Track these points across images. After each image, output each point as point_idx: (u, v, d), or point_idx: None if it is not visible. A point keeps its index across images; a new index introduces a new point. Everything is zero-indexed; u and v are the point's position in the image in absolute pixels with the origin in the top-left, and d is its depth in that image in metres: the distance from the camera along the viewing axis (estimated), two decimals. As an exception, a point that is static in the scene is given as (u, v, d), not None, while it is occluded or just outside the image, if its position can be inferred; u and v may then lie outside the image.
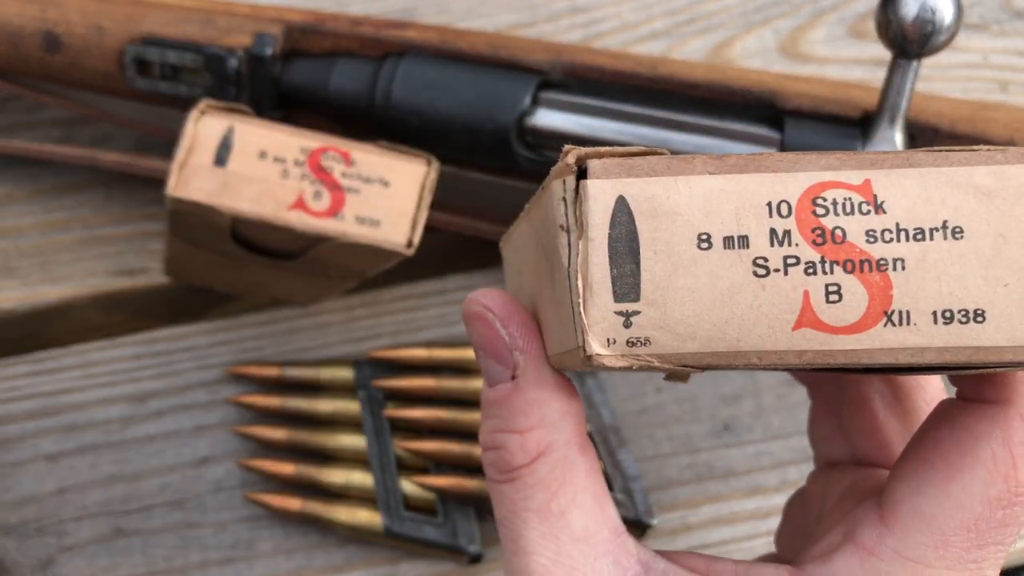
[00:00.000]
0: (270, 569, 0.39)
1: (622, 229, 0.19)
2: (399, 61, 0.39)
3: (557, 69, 0.38)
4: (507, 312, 0.23)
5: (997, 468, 0.21)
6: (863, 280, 0.19)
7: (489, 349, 0.23)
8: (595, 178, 0.19)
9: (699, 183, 0.19)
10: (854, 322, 0.19)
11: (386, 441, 0.40)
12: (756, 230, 0.19)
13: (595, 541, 0.23)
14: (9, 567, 0.39)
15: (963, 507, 0.21)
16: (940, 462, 0.22)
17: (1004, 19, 0.50)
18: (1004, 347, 0.19)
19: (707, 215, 0.19)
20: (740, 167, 0.19)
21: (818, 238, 0.19)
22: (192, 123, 0.33)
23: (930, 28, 0.32)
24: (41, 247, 0.44)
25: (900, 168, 0.19)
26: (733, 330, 0.19)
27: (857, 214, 0.19)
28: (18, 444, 0.41)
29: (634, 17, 0.49)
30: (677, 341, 0.19)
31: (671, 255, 0.19)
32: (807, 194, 0.19)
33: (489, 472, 0.24)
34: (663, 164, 0.19)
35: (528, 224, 0.23)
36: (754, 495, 0.41)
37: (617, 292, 0.19)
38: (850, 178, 0.19)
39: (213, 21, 0.39)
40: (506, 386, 0.23)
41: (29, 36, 0.40)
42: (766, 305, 0.19)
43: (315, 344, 0.43)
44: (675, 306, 0.19)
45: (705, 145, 0.37)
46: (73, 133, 0.46)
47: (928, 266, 0.19)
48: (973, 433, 0.22)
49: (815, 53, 0.49)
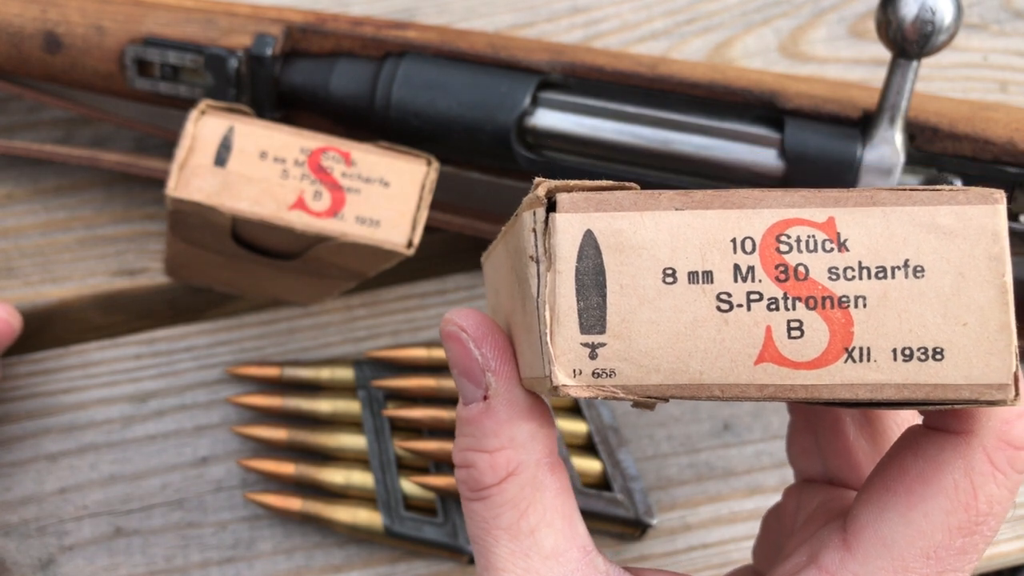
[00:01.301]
0: (270, 569, 0.39)
1: (589, 263, 0.20)
2: (399, 61, 0.39)
3: (557, 69, 0.38)
4: (481, 333, 0.23)
5: (958, 497, 0.22)
6: (825, 317, 0.19)
7: (462, 369, 0.23)
8: (564, 212, 0.20)
9: (665, 218, 0.20)
10: (815, 358, 0.19)
11: (386, 441, 0.40)
12: (720, 265, 0.19)
13: (564, 559, 0.23)
14: (9, 567, 0.39)
15: (924, 534, 0.22)
16: (903, 489, 0.22)
17: (1004, 19, 0.50)
18: (961, 385, 0.19)
19: (672, 250, 0.19)
20: (706, 203, 0.20)
21: (781, 274, 0.19)
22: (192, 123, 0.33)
23: (930, 28, 0.32)
24: (42, 247, 0.44)
25: (864, 207, 0.19)
26: (696, 363, 0.20)
27: (820, 251, 0.19)
28: (18, 444, 0.41)
29: (634, 17, 0.49)
30: (641, 373, 0.20)
31: (636, 289, 0.20)
32: (771, 231, 0.19)
33: (461, 489, 0.24)
34: (630, 199, 0.20)
35: (504, 247, 0.23)
36: (753, 495, 0.41)
37: (583, 324, 0.20)
38: (814, 215, 0.19)
39: (213, 21, 0.39)
40: (478, 406, 0.23)
41: (30, 36, 0.40)
42: (729, 339, 0.19)
43: (315, 344, 0.43)
44: (640, 339, 0.20)
45: (706, 145, 0.37)
46: (73, 133, 0.46)
47: (889, 304, 0.19)
48: (936, 462, 0.22)
49: (815, 53, 0.49)
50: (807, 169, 0.36)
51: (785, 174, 0.36)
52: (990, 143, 0.35)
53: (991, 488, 0.22)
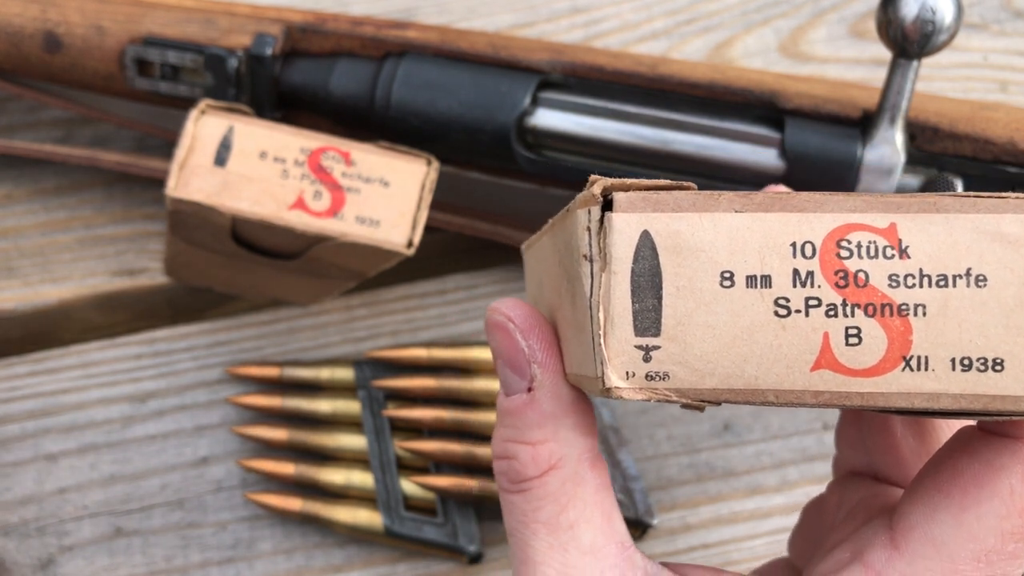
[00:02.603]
0: (270, 569, 0.39)
1: (645, 264, 0.19)
2: (399, 61, 0.39)
3: (557, 69, 0.38)
4: (528, 324, 0.23)
5: (1014, 502, 0.21)
6: (883, 324, 0.19)
7: (508, 359, 0.23)
8: (620, 211, 0.19)
9: (724, 220, 0.19)
10: (872, 365, 0.19)
11: (386, 441, 0.40)
12: (779, 270, 0.19)
13: (602, 555, 0.23)
14: (9, 567, 0.39)
15: (976, 538, 0.22)
16: (956, 491, 0.22)
17: (1004, 19, 0.50)
18: (1021, 396, 0.19)
19: (731, 253, 0.19)
20: (766, 205, 0.19)
21: (841, 280, 0.19)
22: (192, 123, 0.33)
23: (930, 28, 0.32)
24: (42, 247, 0.44)
25: (926, 213, 0.19)
26: (752, 368, 0.19)
27: (881, 258, 0.19)
28: (18, 444, 0.41)
29: (634, 17, 0.49)
30: (696, 377, 0.19)
31: (693, 292, 0.19)
32: (832, 236, 0.19)
33: (500, 481, 0.24)
34: (689, 200, 0.19)
35: (551, 240, 0.23)
36: (754, 495, 0.41)
37: (638, 326, 0.19)
38: (876, 221, 0.19)
39: (213, 21, 0.39)
40: (521, 397, 0.23)
41: (29, 36, 0.40)
42: (786, 345, 0.19)
43: (315, 344, 0.43)
44: (695, 342, 0.19)
45: (706, 145, 0.37)
46: (73, 133, 0.46)
47: (949, 313, 0.19)
48: (992, 466, 0.22)
49: (815, 53, 0.49)
50: (807, 169, 0.36)
51: (785, 174, 0.36)
52: (990, 143, 0.35)
53: None
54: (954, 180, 0.35)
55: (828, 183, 0.35)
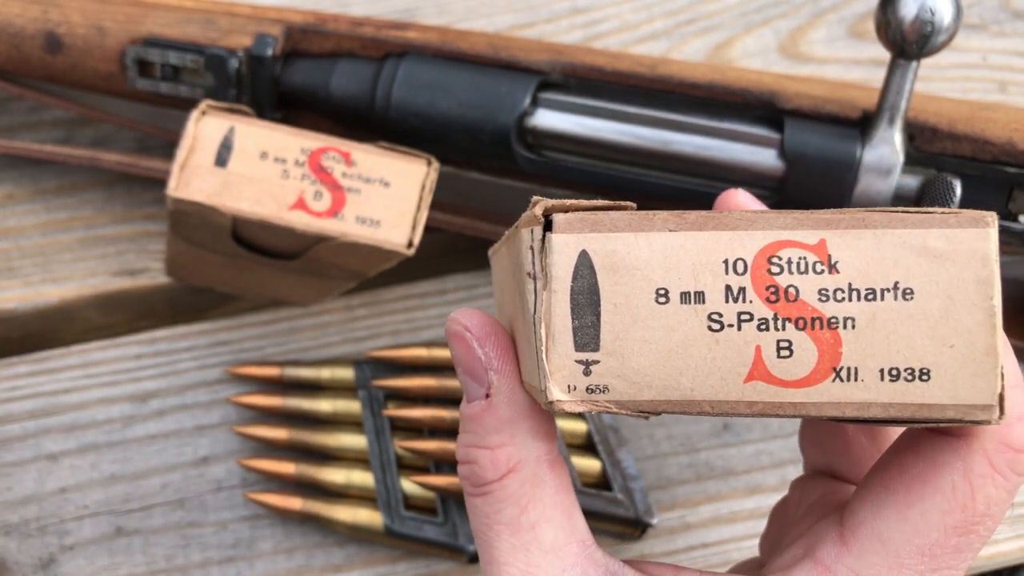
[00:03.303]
0: (271, 568, 0.39)
1: (584, 282, 0.20)
2: (400, 62, 0.39)
3: (557, 69, 0.38)
4: (484, 333, 0.24)
5: (956, 497, 0.22)
6: (814, 337, 0.20)
7: (466, 367, 0.24)
8: (559, 232, 0.20)
9: (659, 239, 0.20)
10: (803, 376, 0.20)
11: (386, 440, 0.40)
12: (712, 286, 0.20)
13: (564, 553, 0.24)
14: (10, 566, 0.39)
15: (920, 532, 0.22)
16: (902, 488, 0.23)
17: (1003, 19, 0.50)
18: (947, 405, 0.20)
19: (666, 271, 0.20)
20: (699, 224, 0.20)
21: (772, 296, 0.20)
22: (193, 124, 0.33)
23: (929, 28, 0.32)
24: (42, 247, 0.44)
25: (855, 229, 0.20)
26: (687, 380, 0.20)
27: (811, 273, 0.20)
28: (19, 443, 0.41)
29: (634, 17, 0.50)
30: (634, 389, 0.20)
31: (630, 308, 0.20)
32: (763, 253, 0.20)
33: (464, 485, 0.25)
34: (625, 220, 0.20)
35: (507, 252, 0.24)
36: (753, 494, 0.41)
37: (578, 342, 0.20)
38: (805, 237, 0.20)
39: (214, 22, 0.40)
40: (480, 403, 0.24)
41: (30, 37, 0.41)
42: (719, 358, 0.20)
43: (315, 344, 0.43)
44: (632, 356, 0.20)
45: (705, 145, 0.37)
46: (74, 133, 0.46)
47: (878, 326, 0.20)
48: (936, 463, 0.22)
49: (815, 53, 0.49)
50: (807, 169, 0.36)
51: (785, 174, 0.36)
52: (989, 143, 0.35)
53: (989, 490, 0.22)
54: (953, 180, 0.35)
55: (827, 183, 0.35)
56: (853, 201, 0.35)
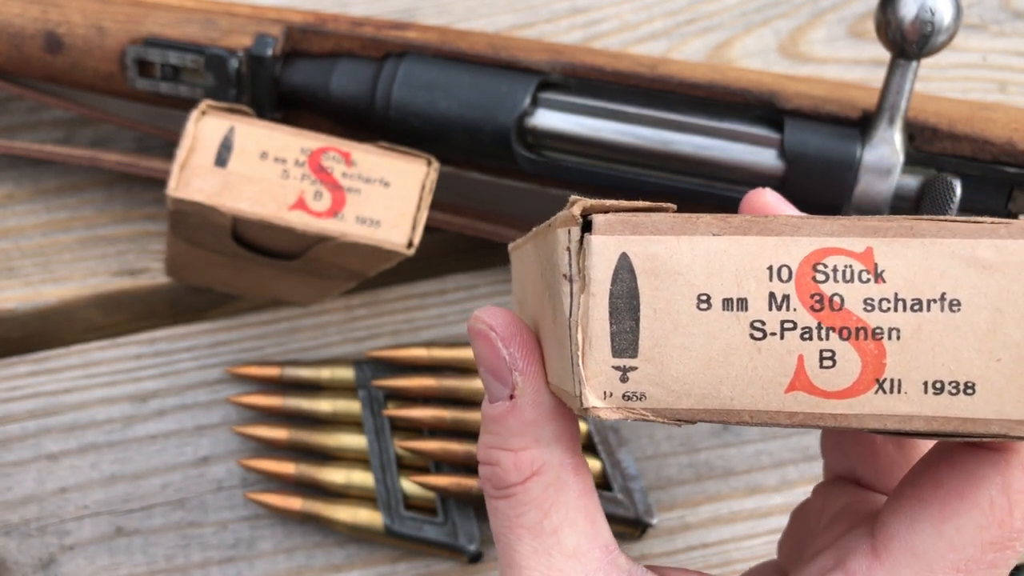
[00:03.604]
0: (271, 568, 0.39)
1: (623, 286, 0.19)
2: (400, 62, 0.39)
3: (557, 69, 0.38)
4: (510, 332, 0.23)
5: (994, 513, 0.22)
6: (857, 348, 0.19)
7: (490, 367, 0.23)
8: (599, 234, 0.19)
9: (702, 244, 0.19)
10: (846, 387, 0.19)
11: (386, 440, 0.40)
12: (755, 293, 0.19)
13: (586, 559, 0.23)
14: (10, 566, 0.39)
15: (955, 547, 0.22)
16: (937, 501, 0.22)
17: (1003, 19, 0.50)
18: (991, 420, 0.19)
19: (708, 276, 0.19)
20: (743, 229, 0.19)
21: (816, 304, 0.19)
22: (193, 124, 0.33)
23: (929, 28, 0.32)
24: (43, 247, 0.44)
25: (903, 238, 0.19)
26: (727, 389, 0.20)
27: (857, 282, 0.19)
28: (19, 443, 0.41)
29: (634, 17, 0.50)
30: (672, 397, 0.20)
31: (670, 314, 0.19)
32: (808, 260, 0.19)
33: (485, 486, 0.24)
34: (667, 223, 0.20)
35: (535, 250, 0.23)
36: (753, 494, 0.41)
37: (615, 347, 0.20)
38: (852, 245, 0.19)
39: (214, 22, 0.40)
40: (504, 404, 0.23)
41: (30, 37, 0.41)
42: (761, 367, 0.19)
43: (315, 344, 0.43)
44: (671, 364, 0.20)
45: (705, 145, 0.37)
46: (74, 133, 0.46)
47: (923, 337, 0.19)
48: (973, 476, 0.22)
49: (815, 53, 0.49)
50: (807, 169, 0.36)
51: (785, 174, 0.36)
52: (989, 143, 0.35)
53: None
54: (953, 180, 0.35)
55: (827, 183, 0.35)
56: (853, 201, 0.35)
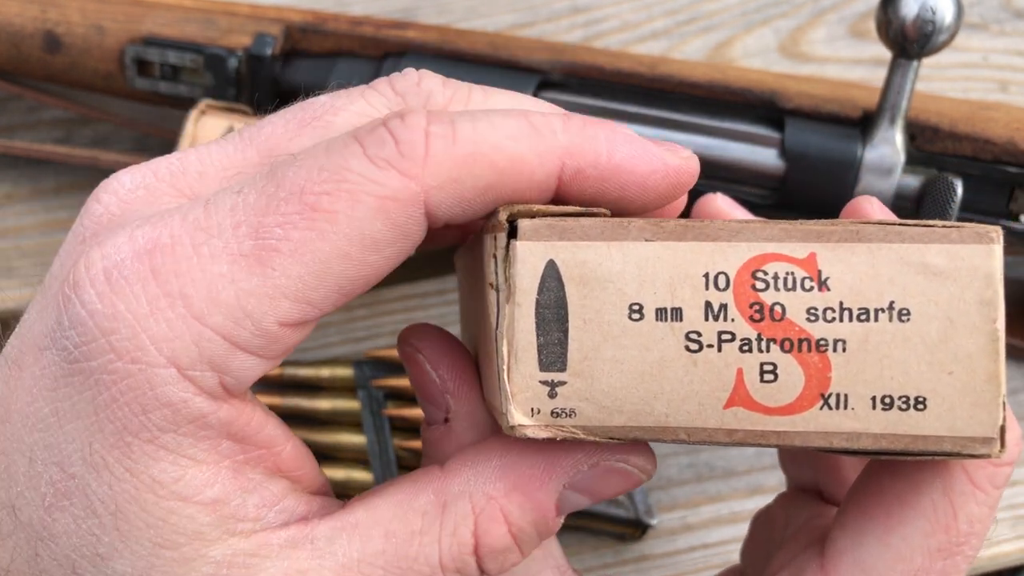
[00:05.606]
0: (270, 569, 0.39)
1: (551, 295, 0.18)
2: (399, 61, 0.39)
3: (557, 69, 0.38)
4: (438, 354, 0.22)
5: (938, 519, 0.21)
6: (801, 360, 0.18)
7: (421, 391, 0.23)
8: (525, 240, 0.18)
9: (634, 250, 0.18)
10: (789, 403, 0.18)
11: (386, 440, 0.40)
12: (691, 302, 0.18)
13: None
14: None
15: (903, 558, 0.21)
16: (881, 512, 0.21)
17: (1004, 19, 0.50)
18: (943, 437, 0.18)
19: (640, 284, 0.18)
20: (678, 234, 0.18)
21: (756, 314, 0.18)
22: (192, 123, 0.33)
23: (930, 28, 0.32)
24: (42, 247, 0.44)
25: (848, 243, 0.18)
26: (662, 405, 0.18)
27: (799, 290, 0.18)
28: (18, 444, 0.41)
29: (634, 17, 0.49)
30: (603, 414, 0.19)
31: (600, 325, 0.18)
32: (747, 266, 0.18)
33: None
34: (597, 227, 0.18)
35: (472, 259, 0.22)
36: (754, 495, 0.41)
37: (543, 361, 0.18)
38: (794, 251, 0.18)
39: (213, 21, 0.39)
40: (439, 428, 0.22)
41: (29, 36, 0.40)
42: (697, 382, 0.18)
43: (315, 344, 0.43)
44: (602, 378, 0.18)
45: (705, 145, 0.37)
46: (73, 133, 0.46)
47: (870, 349, 0.18)
48: (913, 482, 0.21)
49: (815, 53, 0.49)
50: (807, 169, 0.36)
51: (785, 174, 0.36)
52: (990, 143, 0.35)
53: (971, 507, 0.21)
54: (954, 180, 0.35)
55: (828, 183, 0.35)
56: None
